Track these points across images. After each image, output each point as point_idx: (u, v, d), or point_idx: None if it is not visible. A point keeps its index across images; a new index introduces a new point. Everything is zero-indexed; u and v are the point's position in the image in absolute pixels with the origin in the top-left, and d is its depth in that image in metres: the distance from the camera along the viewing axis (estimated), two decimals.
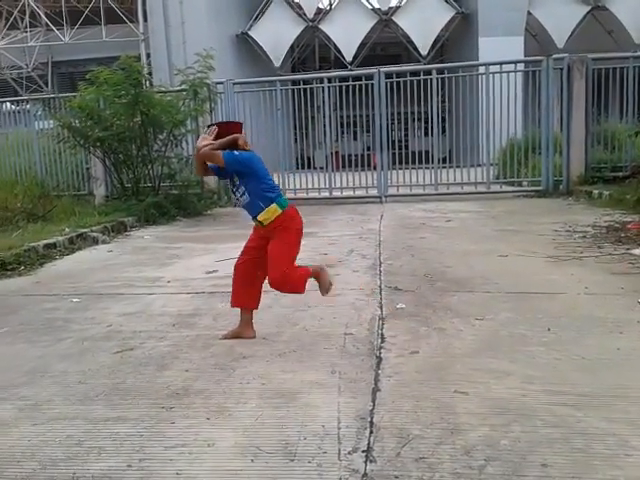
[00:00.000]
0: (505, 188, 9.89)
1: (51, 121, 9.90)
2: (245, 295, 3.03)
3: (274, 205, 2.89)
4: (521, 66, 10.01)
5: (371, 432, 2.00)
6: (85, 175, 10.38)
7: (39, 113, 10.86)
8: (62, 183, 10.38)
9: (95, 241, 6.45)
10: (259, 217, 2.90)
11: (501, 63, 9.60)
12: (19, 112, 11.16)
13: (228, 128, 2.97)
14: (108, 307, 3.78)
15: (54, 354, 2.94)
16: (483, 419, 2.06)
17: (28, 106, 11.05)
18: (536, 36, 22.13)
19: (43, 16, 23.45)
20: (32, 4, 23.08)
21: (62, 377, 2.62)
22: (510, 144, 9.86)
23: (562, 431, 1.96)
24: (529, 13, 20.44)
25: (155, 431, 2.07)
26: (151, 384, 2.50)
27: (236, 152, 2.89)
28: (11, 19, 23.55)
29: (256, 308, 3.09)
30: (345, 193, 10.13)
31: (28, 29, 23.58)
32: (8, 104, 11.49)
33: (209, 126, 2.99)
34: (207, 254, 5.50)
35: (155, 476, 1.79)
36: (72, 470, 1.84)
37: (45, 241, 5.80)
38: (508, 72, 9.46)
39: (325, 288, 3.03)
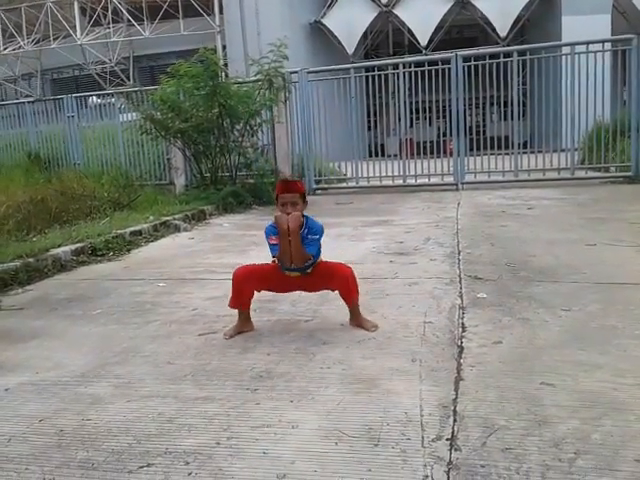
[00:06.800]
0: (591, 174, 9.40)
1: (134, 114, 10.32)
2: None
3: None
4: (609, 45, 9.46)
5: (455, 421, 1.97)
6: (166, 165, 10.76)
7: (123, 106, 11.34)
8: (145, 173, 10.82)
9: (177, 228, 6.69)
10: (308, 270, 2.96)
11: (588, 42, 9.09)
12: (104, 105, 11.68)
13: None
14: (192, 292, 3.92)
15: (144, 335, 3.09)
16: (572, 412, 1.99)
17: (112, 100, 11.56)
18: (624, 13, 20.85)
19: (125, 12, 24.40)
20: (114, 1, 24.07)
21: (152, 357, 2.75)
22: (597, 127, 9.36)
23: None
24: None
25: (241, 411, 2.14)
26: (235, 366, 2.57)
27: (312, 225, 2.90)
28: (95, 16, 24.67)
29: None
30: (420, 181, 9.97)
31: (111, 25, 24.64)
32: (94, 98, 12.05)
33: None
34: None
35: (242, 454, 1.85)
36: (164, 445, 1.93)
37: (131, 228, 6.08)
38: (595, 52, 8.96)
39: None
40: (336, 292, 3.07)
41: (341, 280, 2.99)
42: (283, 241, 2.80)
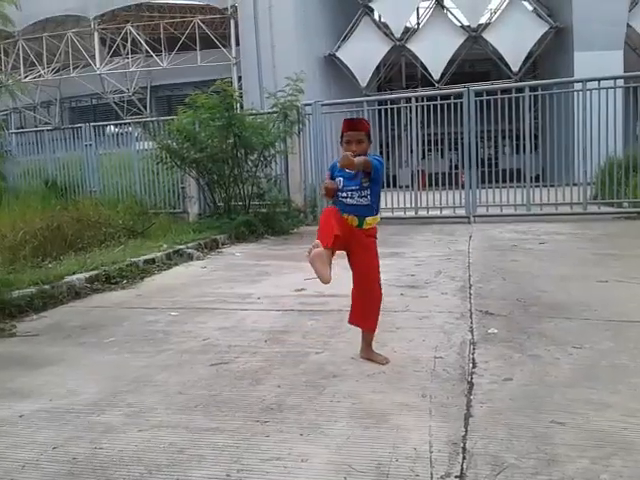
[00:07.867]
0: (603, 209, 9.41)
1: (150, 143, 10.50)
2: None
3: (378, 215, 2.98)
4: (621, 82, 9.54)
5: (464, 458, 1.97)
6: (180, 194, 10.90)
7: (139, 135, 11.54)
8: (159, 201, 10.95)
9: (190, 257, 6.75)
10: (367, 219, 2.89)
11: (600, 79, 9.15)
12: (121, 134, 11.90)
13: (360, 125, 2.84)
14: (204, 321, 3.96)
15: (155, 365, 3.12)
16: (582, 451, 1.99)
17: (129, 129, 11.78)
18: (636, 50, 21.08)
19: (143, 43, 25.05)
20: (133, 32, 24.74)
21: (163, 387, 2.78)
22: (609, 163, 9.39)
23: None
24: (628, 26, 19.50)
25: (251, 443, 2.15)
26: (246, 397, 2.59)
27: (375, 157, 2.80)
28: (114, 46, 25.34)
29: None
30: (431, 213, 10.00)
31: (130, 55, 25.28)
32: (112, 127, 12.29)
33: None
34: (295, 272, 5.60)
35: None
36: (175, 476, 1.95)
37: (145, 256, 6.14)
38: (607, 88, 9.04)
39: None
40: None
41: (366, 299, 3.04)
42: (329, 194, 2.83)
